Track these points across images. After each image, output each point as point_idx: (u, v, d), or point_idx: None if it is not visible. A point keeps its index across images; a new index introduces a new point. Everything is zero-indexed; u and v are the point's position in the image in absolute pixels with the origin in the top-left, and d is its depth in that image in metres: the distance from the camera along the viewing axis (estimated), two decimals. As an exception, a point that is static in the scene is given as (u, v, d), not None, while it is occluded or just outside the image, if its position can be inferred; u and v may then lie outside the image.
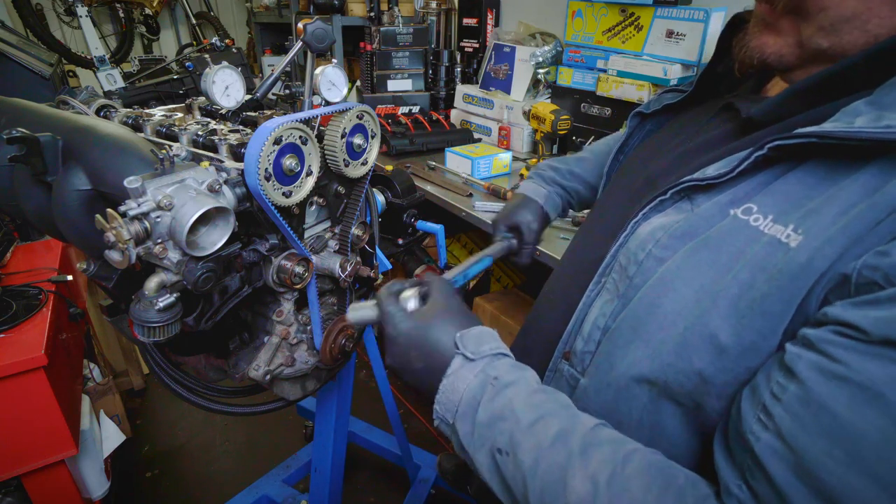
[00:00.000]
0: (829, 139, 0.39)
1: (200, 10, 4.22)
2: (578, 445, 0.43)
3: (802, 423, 0.35)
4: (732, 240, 0.44)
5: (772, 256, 0.40)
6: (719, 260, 0.44)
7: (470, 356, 0.51)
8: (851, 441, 0.32)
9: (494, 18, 2.31)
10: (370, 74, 2.36)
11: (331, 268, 0.81)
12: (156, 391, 2.36)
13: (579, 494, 0.41)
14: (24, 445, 1.21)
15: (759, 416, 0.37)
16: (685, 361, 0.44)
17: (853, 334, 0.34)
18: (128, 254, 0.55)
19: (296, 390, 0.91)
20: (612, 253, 0.54)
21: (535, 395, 0.48)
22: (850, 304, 0.35)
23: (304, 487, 1.76)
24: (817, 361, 0.35)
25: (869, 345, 0.33)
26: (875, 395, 0.32)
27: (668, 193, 0.51)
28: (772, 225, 0.42)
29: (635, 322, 0.48)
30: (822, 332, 0.36)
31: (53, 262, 1.51)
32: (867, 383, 0.32)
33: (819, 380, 0.35)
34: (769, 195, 0.43)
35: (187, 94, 2.11)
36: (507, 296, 1.87)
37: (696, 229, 0.47)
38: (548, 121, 1.73)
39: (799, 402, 0.35)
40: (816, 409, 0.34)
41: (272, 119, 0.66)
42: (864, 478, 0.32)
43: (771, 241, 0.41)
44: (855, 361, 0.33)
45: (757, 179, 0.45)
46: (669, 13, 1.58)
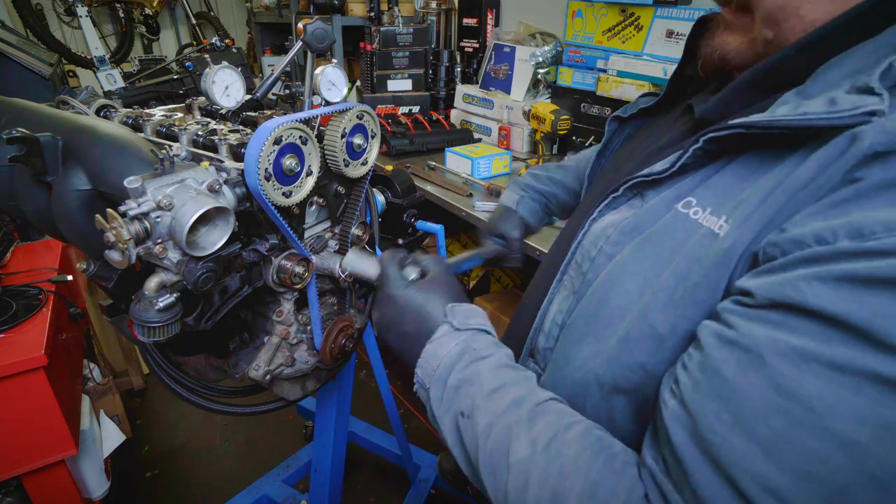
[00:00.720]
0: (754, 128, 0.40)
1: (200, 10, 4.22)
2: (528, 412, 0.46)
3: (699, 388, 0.36)
4: (673, 233, 0.45)
5: (705, 248, 0.41)
6: (661, 254, 0.45)
7: (456, 325, 0.54)
8: (736, 403, 0.34)
9: (494, 18, 2.31)
10: (370, 74, 2.36)
11: (331, 268, 0.81)
12: (156, 391, 2.36)
13: (519, 455, 0.43)
14: (24, 445, 1.21)
15: (670, 387, 0.39)
16: (628, 355, 0.45)
17: (745, 300, 0.36)
18: (128, 254, 0.55)
19: (296, 390, 0.91)
20: (571, 250, 0.56)
21: (503, 369, 0.50)
22: (751, 274, 0.37)
23: (304, 487, 1.76)
24: (716, 328, 0.37)
25: (756, 309, 0.35)
26: (756, 356, 0.33)
27: (620, 190, 0.52)
28: (708, 217, 0.43)
29: (587, 317, 0.50)
30: (725, 303, 0.38)
31: (53, 262, 1.51)
32: (751, 346, 0.34)
33: (715, 345, 0.36)
34: (708, 188, 0.45)
35: (187, 94, 2.11)
36: (507, 296, 1.87)
37: (642, 224, 0.48)
38: (548, 121, 1.73)
39: (699, 367, 0.37)
40: (711, 373, 0.36)
41: (272, 119, 0.66)
42: (743, 438, 0.33)
43: (706, 233, 0.42)
44: (743, 325, 0.35)
45: (700, 174, 0.46)
46: (669, 13, 1.58)
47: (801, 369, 0.32)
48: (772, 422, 0.32)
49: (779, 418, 0.32)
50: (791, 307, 0.33)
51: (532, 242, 1.39)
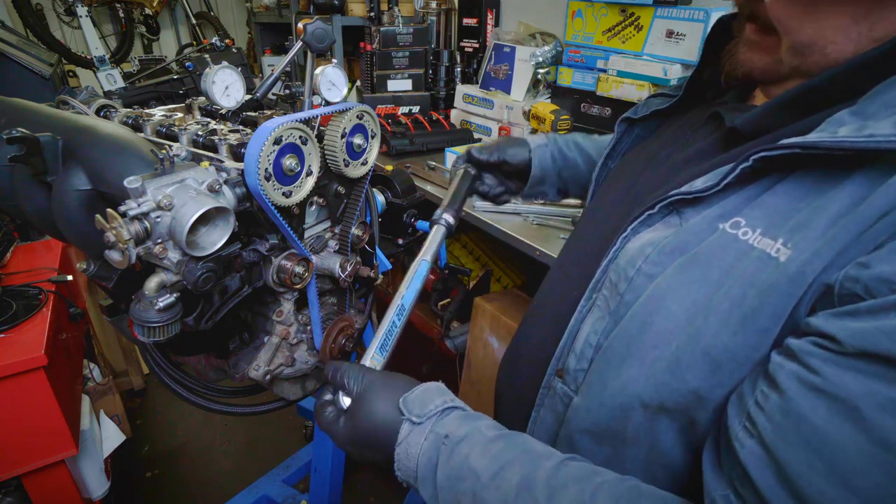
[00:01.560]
0: (813, 149, 0.39)
1: (200, 10, 4.22)
2: (544, 491, 0.42)
3: (784, 433, 0.35)
4: (722, 255, 0.43)
5: (762, 271, 0.40)
6: (710, 276, 0.43)
7: (415, 420, 0.50)
8: (830, 453, 0.33)
9: (494, 18, 2.31)
10: (370, 74, 2.36)
11: (331, 268, 0.81)
12: (156, 391, 2.36)
13: None
14: (24, 445, 1.21)
15: (744, 424, 0.38)
16: (679, 381, 0.43)
17: (830, 346, 0.34)
18: (128, 254, 0.55)
19: (296, 390, 0.91)
20: (602, 268, 0.54)
21: (490, 446, 0.47)
22: (831, 314, 0.36)
23: (304, 487, 1.76)
24: (797, 372, 0.36)
25: (845, 357, 0.34)
26: (851, 408, 0.32)
27: (656, 207, 0.50)
28: (761, 238, 0.41)
29: (628, 340, 0.48)
30: (802, 343, 0.36)
31: (53, 262, 1.51)
32: (844, 396, 0.33)
33: (799, 390, 0.35)
34: (757, 208, 0.43)
35: (187, 94, 2.11)
36: (507, 296, 1.87)
37: (685, 245, 0.46)
38: (548, 121, 1.73)
39: (780, 411, 0.36)
40: (797, 419, 0.35)
41: (272, 119, 0.66)
42: (840, 489, 0.32)
43: (760, 256, 0.41)
44: (832, 374, 0.34)
45: (745, 192, 0.45)
46: (669, 13, 1.58)
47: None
48: (873, 476, 0.31)
49: (881, 473, 0.31)
50: (886, 359, 0.32)
51: (532, 242, 1.39)
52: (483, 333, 1.76)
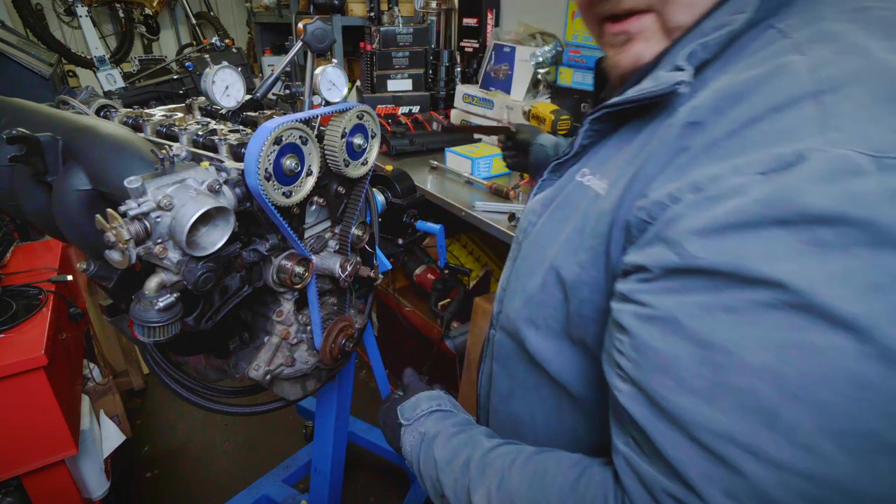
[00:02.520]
0: (613, 107, 0.49)
1: (200, 10, 4.22)
2: (476, 467, 0.55)
3: (640, 366, 0.40)
4: (574, 197, 0.54)
5: (593, 205, 0.49)
6: (566, 214, 0.54)
7: (405, 422, 0.67)
8: (673, 367, 0.38)
9: (494, 18, 2.31)
10: (370, 74, 2.36)
11: (331, 268, 0.81)
12: (156, 391, 2.36)
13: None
14: (24, 445, 1.21)
15: (616, 372, 0.43)
16: (549, 295, 0.52)
17: (646, 276, 0.40)
18: (128, 254, 0.55)
19: (296, 390, 0.91)
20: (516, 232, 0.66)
21: (451, 440, 0.60)
22: (636, 248, 0.42)
23: (304, 487, 1.76)
24: (633, 310, 0.41)
25: (656, 281, 0.40)
26: (674, 322, 0.38)
27: (545, 174, 0.62)
28: (595, 181, 0.51)
29: (518, 275, 0.59)
30: (628, 283, 0.42)
31: (53, 262, 1.51)
32: (666, 315, 0.38)
33: (637, 324, 0.41)
34: (595, 158, 0.54)
35: (187, 94, 2.11)
36: (507, 296, 1.87)
37: (555, 195, 0.57)
38: (548, 121, 1.73)
39: (633, 348, 0.41)
40: (644, 349, 0.40)
41: (272, 119, 0.66)
42: (688, 395, 0.37)
43: (594, 195, 0.50)
44: (653, 300, 0.40)
45: (593, 150, 0.55)
46: (669, 13, 1.58)
47: (708, 320, 0.36)
48: (703, 373, 0.36)
49: (706, 368, 0.36)
50: (680, 270, 0.38)
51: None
52: (483, 333, 1.76)
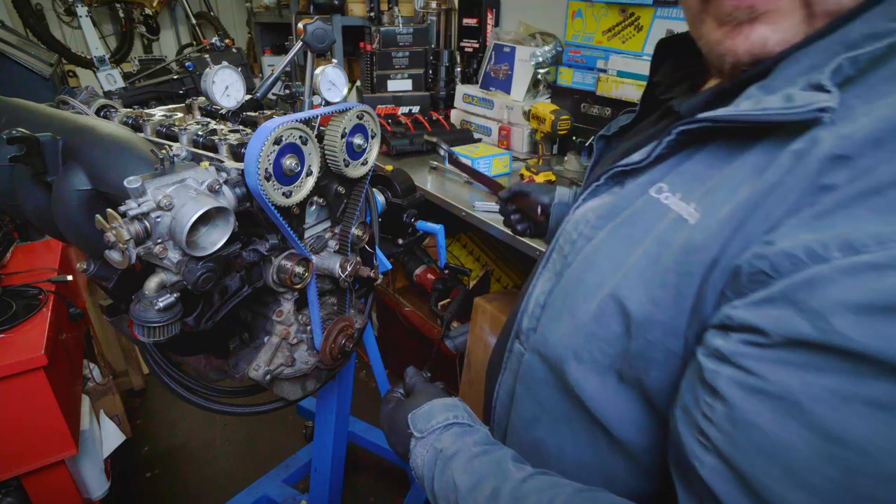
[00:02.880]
0: (719, 122, 0.41)
1: (200, 10, 4.22)
2: (507, 501, 0.47)
3: (736, 443, 0.35)
4: (645, 216, 0.46)
5: (675, 232, 0.42)
6: (634, 235, 0.46)
7: (418, 435, 0.59)
8: (783, 455, 0.32)
9: (494, 18, 2.31)
10: (370, 74, 2.36)
11: (331, 268, 0.81)
12: (156, 391, 2.36)
13: None
14: (24, 445, 1.21)
15: (698, 439, 0.37)
16: (604, 328, 0.46)
17: (759, 340, 0.34)
18: (128, 254, 0.55)
19: (296, 390, 0.91)
20: (556, 236, 0.58)
21: (473, 461, 0.52)
22: (751, 304, 0.35)
23: (304, 487, 1.76)
24: (735, 376, 0.35)
25: (773, 349, 0.33)
26: (793, 404, 0.32)
27: (602, 179, 0.55)
28: (678, 202, 0.44)
29: (564, 295, 0.52)
30: (732, 344, 0.36)
31: (53, 262, 1.51)
32: (784, 394, 0.32)
33: (741, 395, 0.35)
34: (678, 175, 0.46)
35: (187, 94, 2.11)
36: (507, 296, 1.87)
37: (618, 208, 0.50)
38: (548, 121, 1.73)
39: (729, 421, 0.35)
40: (745, 426, 0.34)
41: (272, 119, 0.66)
42: (800, 491, 0.32)
43: (677, 218, 0.43)
44: (767, 372, 0.33)
45: (672, 162, 0.48)
46: (669, 13, 1.58)
47: (843, 412, 0.30)
48: (828, 472, 0.30)
49: (834, 468, 0.30)
50: (813, 345, 0.31)
51: (532, 242, 1.39)
52: (483, 333, 1.76)
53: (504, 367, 0.63)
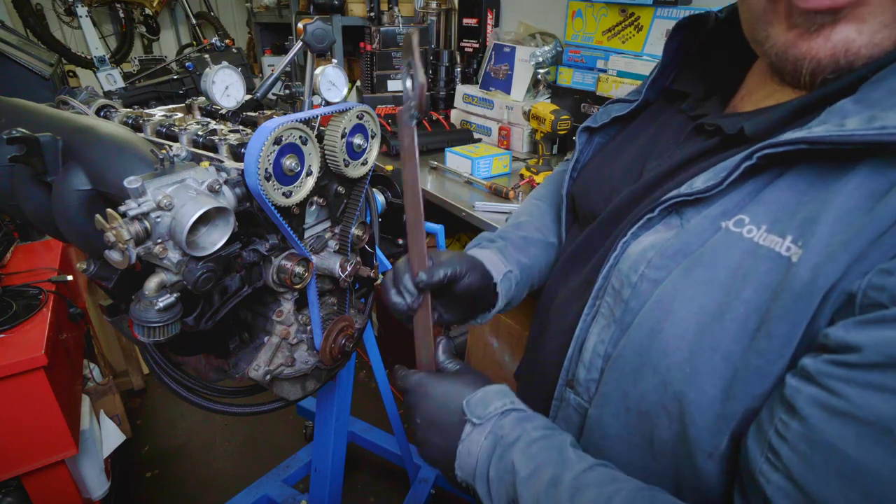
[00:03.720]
0: (821, 144, 0.36)
1: (200, 10, 4.22)
2: (567, 490, 0.44)
3: (812, 465, 0.33)
4: (727, 254, 0.41)
5: (774, 272, 0.38)
6: (717, 277, 0.41)
7: (476, 421, 0.52)
8: (864, 482, 0.31)
9: (494, 18, 2.31)
10: (370, 74, 2.36)
11: (331, 268, 0.81)
12: (156, 391, 2.36)
13: None
14: (24, 445, 1.21)
15: (767, 456, 0.36)
16: (697, 390, 0.41)
17: (851, 359, 0.32)
18: (128, 254, 0.55)
19: (296, 390, 0.91)
20: (603, 275, 0.52)
21: (532, 446, 0.48)
22: (854, 322, 0.33)
23: (304, 487, 1.76)
24: (817, 396, 0.33)
25: (866, 371, 0.31)
26: (883, 430, 0.30)
27: (656, 210, 0.49)
28: (766, 235, 0.39)
29: (638, 349, 0.46)
30: (819, 363, 0.34)
31: (53, 262, 1.51)
32: (872, 419, 0.31)
33: (822, 417, 0.33)
34: (760, 204, 0.41)
35: (187, 94, 2.11)
36: (507, 296, 1.88)
37: (688, 246, 0.44)
38: (548, 121, 1.73)
39: (805, 441, 0.33)
40: (824, 449, 0.32)
41: (272, 119, 0.66)
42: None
43: (769, 255, 0.39)
44: (856, 395, 0.31)
45: (746, 189, 0.43)
46: (669, 13, 1.58)
47: None
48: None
49: None
50: None
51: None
52: (483, 333, 1.76)
53: (553, 416, 0.58)
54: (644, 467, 0.48)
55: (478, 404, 0.53)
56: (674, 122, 0.61)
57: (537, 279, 0.80)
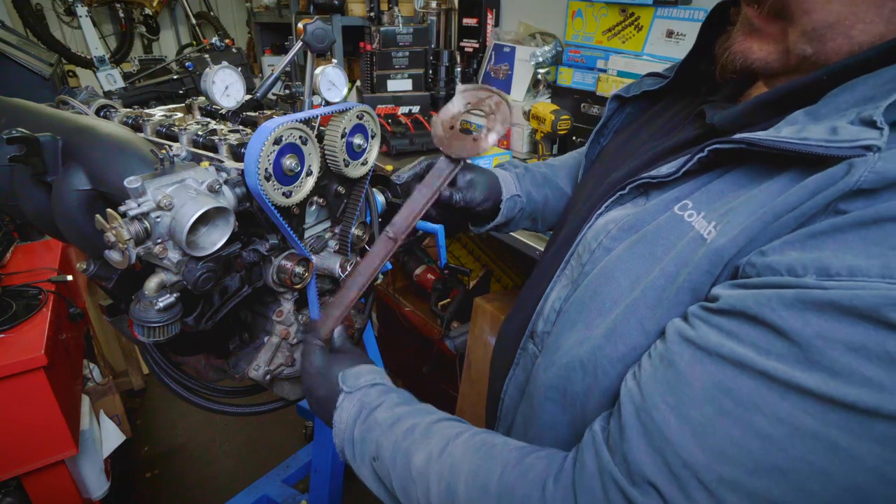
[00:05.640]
0: (756, 146, 0.41)
1: (200, 10, 4.22)
2: (422, 432, 0.53)
3: (655, 374, 0.41)
4: (667, 233, 0.47)
5: (694, 251, 0.43)
6: (654, 252, 0.47)
7: (347, 390, 0.61)
8: (680, 390, 0.38)
9: (494, 18, 2.31)
10: (370, 74, 2.36)
11: (331, 268, 0.81)
12: (156, 391, 2.36)
13: (418, 467, 0.50)
14: (24, 445, 1.21)
15: (634, 370, 0.43)
16: (612, 347, 0.47)
17: (710, 305, 0.39)
18: (128, 254, 0.55)
19: (296, 390, 0.91)
20: (575, 242, 0.58)
21: (396, 407, 0.57)
22: (726, 284, 0.40)
23: (304, 487, 1.76)
24: (680, 327, 0.41)
25: (716, 315, 0.38)
26: (705, 355, 0.38)
27: (627, 188, 0.54)
28: (700, 221, 0.44)
29: (580, 306, 0.52)
30: (694, 307, 0.41)
31: (53, 262, 1.51)
32: (703, 345, 0.38)
33: (675, 340, 0.40)
34: (705, 193, 0.46)
35: (187, 94, 2.11)
36: (507, 296, 1.87)
37: (640, 223, 0.50)
38: (548, 121, 1.73)
39: (659, 357, 0.41)
40: (667, 363, 0.40)
41: (272, 119, 0.66)
42: (679, 419, 0.37)
43: (696, 237, 0.44)
44: (702, 328, 0.39)
45: (701, 180, 0.48)
46: (669, 13, 1.58)
47: (738, 371, 0.36)
48: (705, 409, 0.37)
49: (711, 407, 0.36)
50: (747, 316, 0.36)
51: (532, 242, 1.39)
52: (483, 333, 1.76)
53: (516, 363, 0.64)
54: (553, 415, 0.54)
55: (351, 376, 0.62)
56: (691, 107, 0.63)
57: (541, 217, 0.90)
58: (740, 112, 0.49)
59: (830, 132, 0.37)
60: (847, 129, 0.36)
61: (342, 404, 0.61)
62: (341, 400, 0.61)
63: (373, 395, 0.60)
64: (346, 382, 0.62)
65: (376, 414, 0.57)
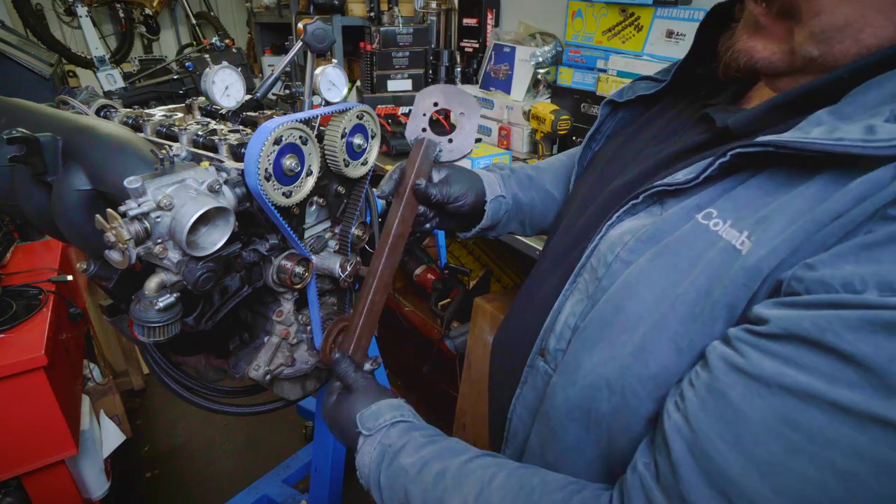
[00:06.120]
0: (786, 149, 0.39)
1: (200, 10, 4.22)
2: (453, 477, 0.50)
3: (705, 407, 0.38)
4: (692, 244, 0.44)
5: (726, 263, 0.41)
6: (679, 264, 0.44)
7: (366, 433, 0.60)
8: (739, 425, 0.36)
9: (494, 18, 2.31)
10: (370, 74, 2.36)
11: (331, 268, 0.81)
12: (156, 391, 2.36)
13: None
14: (24, 445, 1.21)
15: (675, 400, 0.41)
16: (642, 365, 0.44)
17: (758, 329, 0.36)
18: (128, 254, 0.55)
19: (296, 390, 0.91)
20: (586, 254, 0.55)
21: (421, 450, 0.55)
22: (772, 302, 0.37)
23: (304, 487, 1.76)
24: (725, 353, 0.38)
25: (767, 340, 0.36)
26: (763, 386, 0.35)
27: (641, 197, 0.52)
28: (728, 230, 0.42)
29: (601, 323, 0.49)
30: (737, 330, 0.38)
31: (53, 262, 1.51)
32: (758, 375, 0.35)
33: (723, 369, 0.37)
34: (730, 200, 0.44)
35: (187, 94, 2.11)
36: (507, 296, 1.87)
37: (661, 233, 0.47)
38: (548, 121, 1.73)
39: (706, 388, 0.38)
40: (717, 395, 0.37)
41: (272, 119, 0.66)
42: (743, 458, 0.35)
43: (727, 247, 0.41)
44: (754, 356, 0.36)
45: (722, 186, 0.45)
46: (669, 13, 1.58)
47: (805, 404, 0.33)
48: (772, 447, 0.34)
49: (779, 445, 0.34)
50: (805, 340, 0.34)
51: (532, 242, 1.39)
52: (483, 333, 1.76)
53: (523, 382, 0.61)
54: (577, 437, 0.51)
55: (369, 417, 0.61)
56: (690, 109, 0.62)
57: (528, 220, 0.88)
58: (755, 114, 0.47)
59: (867, 131, 0.35)
60: (885, 127, 0.35)
61: (362, 448, 0.59)
62: (361, 443, 0.60)
63: (394, 436, 0.58)
64: (364, 425, 0.60)
65: (401, 459, 0.55)
